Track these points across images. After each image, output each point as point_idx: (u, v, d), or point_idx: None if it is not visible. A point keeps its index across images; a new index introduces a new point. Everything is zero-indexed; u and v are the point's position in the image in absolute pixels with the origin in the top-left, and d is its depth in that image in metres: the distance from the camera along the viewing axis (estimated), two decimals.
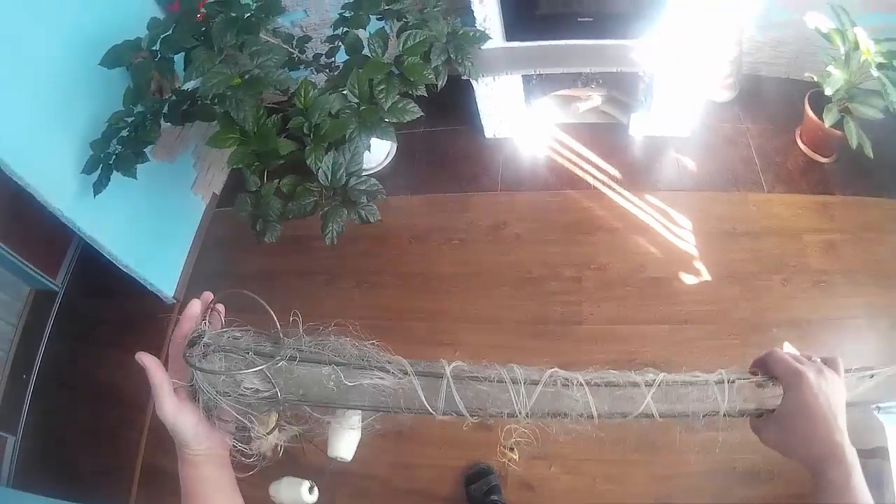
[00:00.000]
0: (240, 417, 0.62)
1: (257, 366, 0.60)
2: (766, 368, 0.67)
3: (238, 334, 0.64)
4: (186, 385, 0.62)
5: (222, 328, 0.65)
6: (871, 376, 0.75)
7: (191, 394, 0.62)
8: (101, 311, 2.48)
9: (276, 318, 0.63)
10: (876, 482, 1.40)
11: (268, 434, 0.66)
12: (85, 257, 2.54)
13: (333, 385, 0.62)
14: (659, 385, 0.66)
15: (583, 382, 0.65)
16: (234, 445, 0.66)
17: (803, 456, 0.62)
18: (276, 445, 0.69)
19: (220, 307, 0.66)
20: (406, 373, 0.63)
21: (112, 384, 2.25)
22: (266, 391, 0.62)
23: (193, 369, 0.60)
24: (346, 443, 0.96)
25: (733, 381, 0.67)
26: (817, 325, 2.11)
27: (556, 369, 0.66)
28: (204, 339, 0.62)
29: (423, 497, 1.96)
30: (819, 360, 0.67)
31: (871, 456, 1.47)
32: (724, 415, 0.66)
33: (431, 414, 0.63)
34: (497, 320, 2.22)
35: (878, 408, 1.47)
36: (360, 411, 0.70)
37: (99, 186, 1.90)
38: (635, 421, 0.65)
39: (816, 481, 0.61)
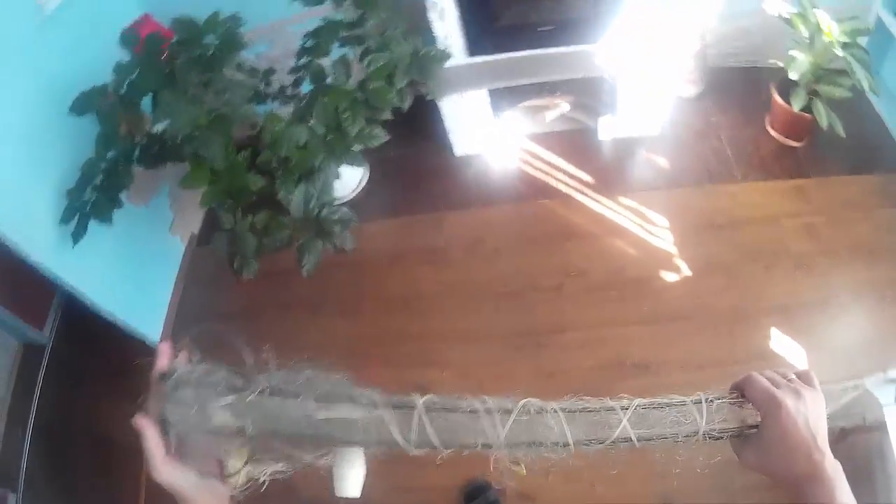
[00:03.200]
0: (212, 449, 0.63)
1: (226, 399, 0.61)
2: (744, 394, 0.67)
3: (210, 370, 0.64)
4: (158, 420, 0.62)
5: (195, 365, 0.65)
6: (856, 387, 0.75)
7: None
8: (90, 360, 2.47)
9: (247, 353, 0.64)
10: (879, 456, 1.40)
11: (242, 468, 0.66)
12: (70, 306, 2.52)
13: (304, 419, 0.62)
14: (635, 409, 0.65)
15: (557, 410, 0.64)
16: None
17: (784, 478, 0.63)
18: (256, 479, 0.68)
19: (183, 357, 0.67)
20: (377, 405, 0.62)
21: (107, 433, 2.24)
22: (236, 426, 0.62)
23: (164, 403, 0.61)
24: (352, 481, 0.95)
25: (712, 401, 0.66)
26: (803, 308, 2.12)
27: (529, 399, 0.65)
28: (175, 375, 0.62)
29: None
30: (794, 376, 0.67)
31: (870, 431, 1.47)
32: (704, 435, 0.65)
33: (404, 448, 0.62)
34: (482, 335, 2.22)
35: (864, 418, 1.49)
36: (361, 448, 0.70)
37: (77, 235, 1.89)
38: (613, 447, 0.64)
39: (799, 501, 0.61)
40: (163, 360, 0.65)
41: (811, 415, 0.62)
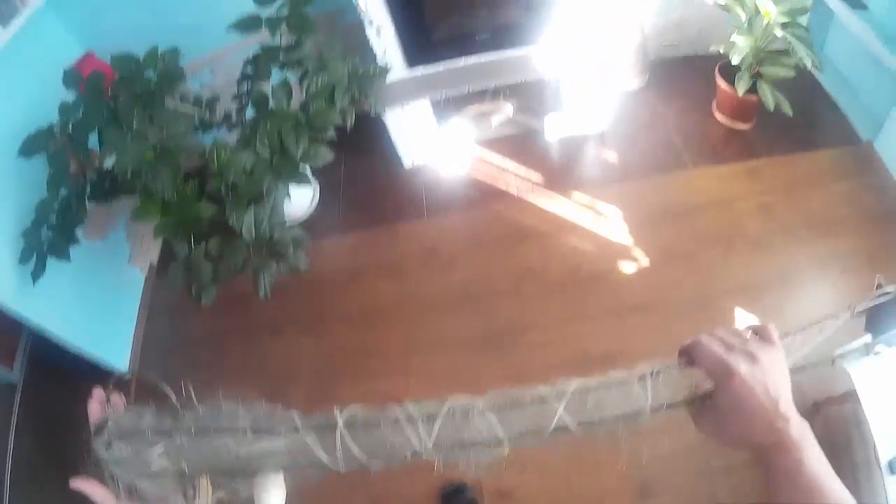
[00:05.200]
0: (164, 491, 0.63)
1: (158, 445, 0.60)
2: (694, 359, 0.61)
3: (139, 414, 0.63)
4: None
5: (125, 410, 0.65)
6: (820, 330, 0.69)
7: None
8: (61, 395, 2.47)
9: (171, 393, 0.64)
10: (855, 424, 1.43)
11: (204, 501, 0.66)
12: (38, 343, 2.52)
13: (232, 455, 0.61)
14: (572, 394, 0.60)
15: (483, 410, 0.60)
16: None
17: (745, 447, 0.59)
18: None
19: (116, 399, 0.67)
20: (298, 429, 0.61)
21: (83, 470, 2.25)
22: (175, 468, 0.61)
23: (102, 459, 0.61)
24: (273, 502, 0.94)
25: (657, 374, 0.61)
26: (766, 286, 2.16)
27: (453, 400, 0.61)
28: (108, 426, 0.62)
29: None
30: (751, 334, 0.62)
31: (843, 402, 1.50)
32: (652, 412, 0.60)
33: (333, 468, 0.60)
34: (444, 343, 2.23)
35: (833, 360, 1.50)
36: (279, 472, 0.67)
37: (37, 274, 1.90)
38: (554, 437, 0.60)
39: (766, 469, 0.58)
40: (95, 413, 0.65)
41: (770, 379, 0.56)
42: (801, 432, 0.56)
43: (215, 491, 0.68)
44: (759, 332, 0.62)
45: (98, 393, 0.67)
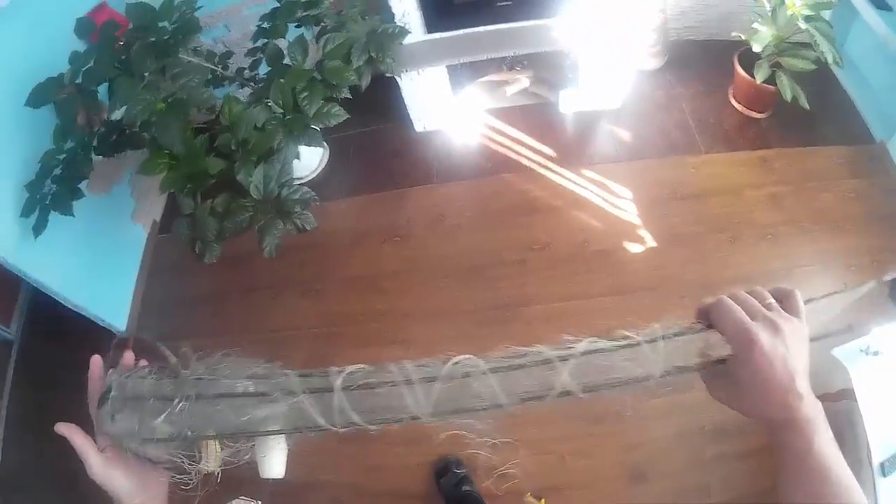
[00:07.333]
0: (170, 455, 0.62)
1: (161, 412, 0.59)
2: (713, 322, 0.58)
3: (141, 376, 0.62)
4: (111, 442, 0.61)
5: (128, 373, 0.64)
6: (843, 298, 0.65)
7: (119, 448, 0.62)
8: (58, 354, 2.45)
9: (170, 355, 0.62)
10: (849, 422, 1.42)
11: (213, 461, 0.66)
12: (36, 300, 2.51)
13: (234, 418, 0.60)
14: (578, 357, 0.57)
15: (486, 371, 0.58)
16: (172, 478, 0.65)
17: (757, 418, 0.57)
18: (214, 472, 0.68)
19: (129, 357, 0.65)
20: (295, 392, 0.59)
21: (79, 425, 2.24)
22: (179, 434, 0.60)
23: (109, 429, 0.60)
24: (275, 462, 0.93)
25: (671, 337, 0.58)
26: (769, 277, 2.13)
27: (456, 360, 0.58)
28: (111, 394, 0.60)
29: (397, 497, 1.96)
30: (773, 301, 0.58)
31: (838, 398, 1.49)
32: (662, 376, 0.57)
33: (332, 430, 0.58)
34: (446, 312, 2.22)
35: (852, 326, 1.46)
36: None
37: (38, 228, 1.87)
38: (556, 401, 0.57)
39: (776, 446, 0.56)
40: (94, 380, 0.64)
41: (791, 352, 0.54)
42: (814, 412, 0.54)
43: (223, 449, 0.67)
44: (784, 300, 0.59)
45: (95, 362, 0.65)
